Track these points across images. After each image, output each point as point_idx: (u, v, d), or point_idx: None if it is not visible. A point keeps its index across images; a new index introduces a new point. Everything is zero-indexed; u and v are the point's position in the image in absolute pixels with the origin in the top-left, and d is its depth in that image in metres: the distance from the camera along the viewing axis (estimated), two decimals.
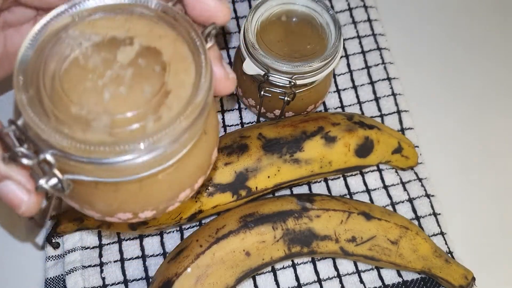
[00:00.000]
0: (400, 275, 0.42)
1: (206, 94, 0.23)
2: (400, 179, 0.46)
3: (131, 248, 0.42)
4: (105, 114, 0.23)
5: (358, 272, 0.42)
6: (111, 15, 0.25)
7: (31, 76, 0.23)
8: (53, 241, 0.41)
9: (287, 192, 0.45)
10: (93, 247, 0.41)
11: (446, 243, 0.43)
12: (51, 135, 0.22)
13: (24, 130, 0.23)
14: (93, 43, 0.24)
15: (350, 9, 0.53)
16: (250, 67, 0.40)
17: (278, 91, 0.41)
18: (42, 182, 0.22)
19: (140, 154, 0.22)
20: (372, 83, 0.50)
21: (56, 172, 0.22)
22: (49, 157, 0.22)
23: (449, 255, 0.42)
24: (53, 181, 0.23)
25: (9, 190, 0.24)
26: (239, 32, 0.52)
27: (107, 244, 0.42)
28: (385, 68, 0.50)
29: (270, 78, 0.40)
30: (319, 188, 0.45)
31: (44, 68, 0.24)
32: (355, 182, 0.46)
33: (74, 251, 0.41)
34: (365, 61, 0.51)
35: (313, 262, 0.42)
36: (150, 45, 0.24)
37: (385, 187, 0.45)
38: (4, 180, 0.24)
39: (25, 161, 0.22)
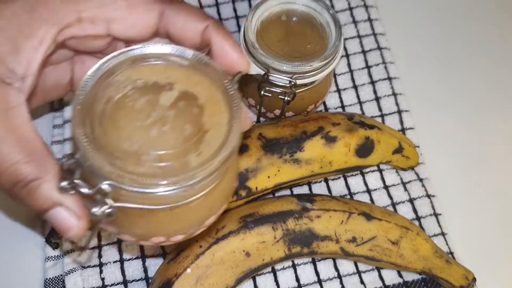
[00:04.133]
0: (400, 276, 0.42)
1: (239, 131, 0.27)
2: (401, 179, 0.46)
3: (131, 248, 0.42)
4: (153, 150, 0.26)
5: (359, 272, 0.42)
6: (152, 63, 0.28)
7: (85, 115, 0.26)
8: (53, 241, 0.41)
9: (287, 192, 0.45)
10: (93, 248, 0.41)
11: (446, 244, 0.43)
12: (108, 168, 0.24)
13: (80, 162, 0.25)
14: (138, 87, 0.27)
15: (350, 9, 0.53)
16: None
17: (278, 91, 0.41)
18: (95, 210, 0.25)
19: (185, 185, 0.25)
20: (372, 82, 0.50)
21: (110, 201, 0.25)
22: (105, 187, 0.24)
23: (449, 255, 0.42)
24: (105, 208, 0.25)
25: (61, 216, 0.26)
26: (239, 31, 0.52)
27: (107, 245, 0.42)
28: (385, 67, 0.50)
29: (270, 78, 0.40)
30: (319, 188, 0.45)
31: (96, 108, 0.26)
32: (355, 182, 0.45)
33: (74, 251, 0.41)
34: (366, 61, 0.51)
35: (314, 262, 0.42)
36: (187, 90, 0.28)
37: (386, 187, 0.45)
38: (57, 206, 0.26)
39: (84, 190, 0.25)
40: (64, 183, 0.26)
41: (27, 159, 0.26)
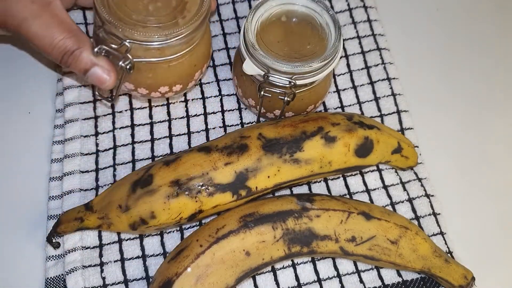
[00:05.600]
0: (399, 275, 0.42)
1: (208, 2, 0.40)
2: (400, 179, 0.46)
3: (131, 248, 0.42)
4: (153, 17, 0.39)
5: (358, 272, 0.42)
6: None
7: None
8: (54, 241, 0.41)
9: (287, 192, 0.45)
10: (93, 247, 0.41)
11: (445, 243, 0.43)
12: (127, 30, 0.37)
13: (107, 31, 0.38)
14: None
15: (350, 10, 0.53)
16: (250, 67, 0.41)
17: (278, 91, 0.41)
18: (121, 62, 0.38)
19: (175, 37, 0.38)
20: (372, 83, 0.50)
21: (129, 55, 0.38)
22: (127, 43, 0.37)
23: (448, 255, 0.42)
24: (127, 62, 0.38)
25: (98, 73, 0.39)
26: (239, 32, 0.52)
27: (107, 244, 0.42)
28: (384, 68, 0.50)
29: (270, 78, 0.40)
30: (319, 188, 0.45)
31: None
32: (355, 182, 0.46)
33: (75, 251, 0.41)
34: (365, 61, 0.51)
35: (313, 262, 0.42)
36: None
37: (385, 187, 0.46)
38: (95, 66, 0.39)
39: (113, 45, 0.38)
40: (96, 48, 0.38)
41: (70, 34, 0.38)
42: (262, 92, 0.41)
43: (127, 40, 0.37)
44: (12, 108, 0.48)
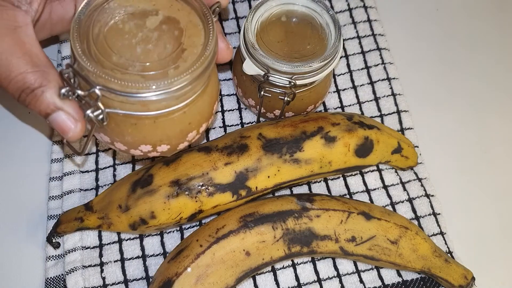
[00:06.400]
0: (399, 275, 0.42)
1: (211, 52, 0.32)
2: (400, 179, 0.46)
3: (131, 248, 0.42)
4: (138, 62, 0.31)
5: (358, 272, 0.42)
6: None
7: (82, 33, 0.32)
8: (54, 241, 0.41)
9: (287, 192, 0.45)
10: (93, 247, 0.41)
11: (445, 243, 0.43)
12: (99, 75, 0.30)
13: (77, 72, 0.30)
14: (128, 12, 0.33)
15: (350, 10, 0.53)
16: (250, 67, 0.41)
17: (278, 91, 0.41)
18: (89, 112, 0.31)
19: (162, 91, 0.30)
20: (372, 83, 0.50)
21: (100, 104, 0.31)
22: (97, 91, 0.30)
23: (448, 255, 0.42)
24: (97, 112, 0.31)
25: (61, 119, 0.31)
26: (239, 32, 0.52)
27: (107, 244, 0.42)
28: (384, 68, 0.50)
29: (270, 78, 0.40)
30: (319, 188, 0.45)
31: (92, 29, 0.32)
32: (354, 182, 0.46)
33: (75, 251, 0.41)
34: (365, 61, 0.51)
35: (313, 262, 0.42)
36: (170, 16, 0.33)
37: (385, 187, 0.46)
38: (58, 111, 0.31)
39: (80, 92, 0.30)
40: (63, 90, 0.31)
41: (33, 69, 0.31)
42: (262, 92, 0.41)
43: (98, 87, 0.30)
44: (12, 109, 0.48)
